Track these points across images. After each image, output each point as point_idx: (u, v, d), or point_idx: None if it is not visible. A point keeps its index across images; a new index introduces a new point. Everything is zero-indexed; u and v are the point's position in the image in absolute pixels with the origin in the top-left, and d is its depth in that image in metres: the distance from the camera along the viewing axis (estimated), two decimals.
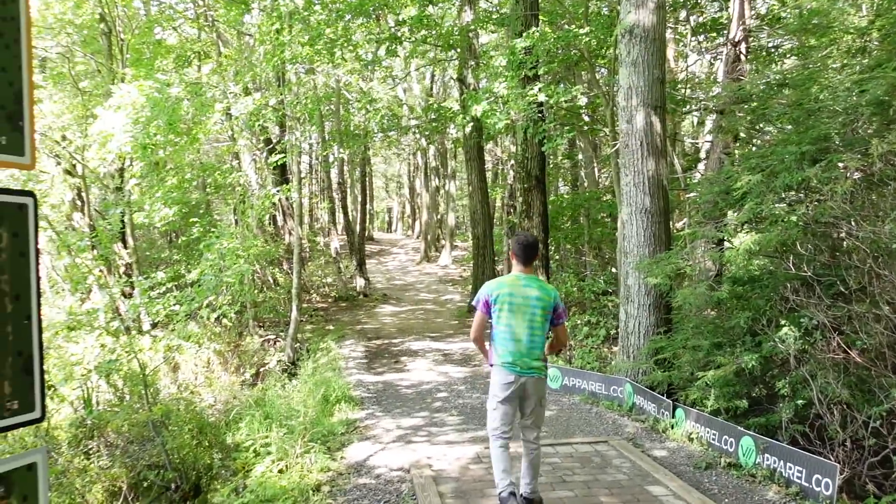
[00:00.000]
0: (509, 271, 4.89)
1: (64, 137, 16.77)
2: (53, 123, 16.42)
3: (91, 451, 8.46)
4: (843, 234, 6.05)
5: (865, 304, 5.54)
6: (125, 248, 16.64)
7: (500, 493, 4.56)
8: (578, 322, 11.53)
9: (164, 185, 15.19)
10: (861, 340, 5.54)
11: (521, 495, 4.72)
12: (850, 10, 8.49)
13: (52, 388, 8.52)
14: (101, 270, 12.05)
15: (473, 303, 4.81)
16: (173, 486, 7.62)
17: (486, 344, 4.87)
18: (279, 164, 15.18)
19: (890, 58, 6.43)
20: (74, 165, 16.96)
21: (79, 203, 17.76)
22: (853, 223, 5.65)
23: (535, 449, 4.73)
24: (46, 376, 9.25)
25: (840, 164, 5.87)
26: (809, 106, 6.86)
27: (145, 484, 7.71)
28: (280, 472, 6.19)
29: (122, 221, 14.95)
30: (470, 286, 19.85)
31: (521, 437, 4.80)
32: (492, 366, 4.72)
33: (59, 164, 17.23)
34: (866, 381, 5.66)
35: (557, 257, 18.73)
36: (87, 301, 11.08)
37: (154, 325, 13.79)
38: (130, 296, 13.12)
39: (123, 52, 16.87)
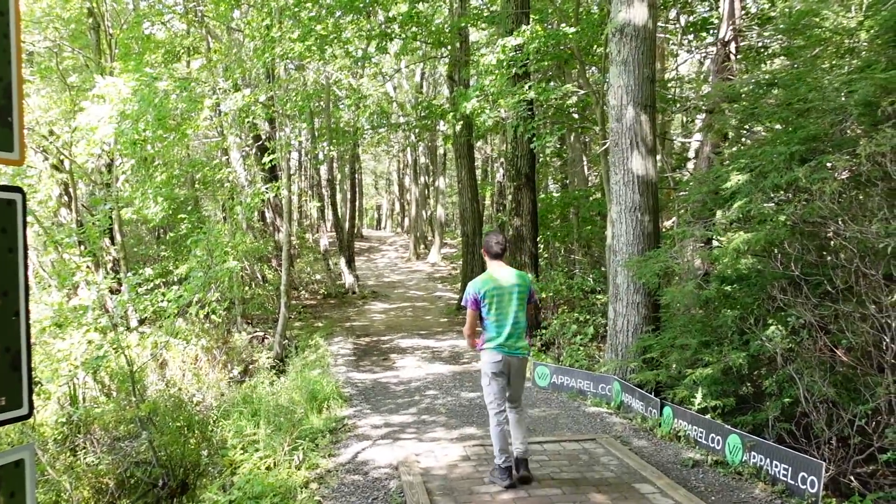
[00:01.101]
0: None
1: (51, 132, 16.64)
2: (41, 118, 16.29)
3: (78, 448, 8.42)
4: (830, 234, 6.08)
5: (852, 303, 5.58)
6: (113, 244, 16.54)
7: (499, 465, 5.36)
8: (567, 320, 11.54)
9: (153, 181, 15.10)
10: (847, 339, 5.59)
11: (515, 456, 5.37)
12: (839, 11, 8.53)
13: (39, 385, 8.46)
14: (88, 266, 11.96)
15: (463, 303, 5.42)
16: (160, 482, 7.59)
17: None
18: (268, 160, 15.11)
19: (878, 59, 6.48)
20: (62, 160, 16.84)
21: (66, 198, 17.63)
22: (840, 223, 5.69)
23: (519, 411, 5.46)
24: (33, 373, 9.18)
25: (828, 165, 5.91)
26: (798, 106, 6.90)
27: (132, 481, 7.68)
28: (268, 469, 6.18)
29: (110, 217, 14.87)
30: (459, 283, 19.87)
31: (507, 406, 5.44)
32: (482, 349, 5.35)
33: (46, 159, 17.10)
34: (852, 379, 5.71)
35: (547, 255, 18.75)
36: (75, 297, 11.00)
37: (142, 322, 13.72)
38: (118, 292, 13.04)
39: (112, 46, 16.75)
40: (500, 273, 5.33)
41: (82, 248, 13.32)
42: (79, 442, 8.54)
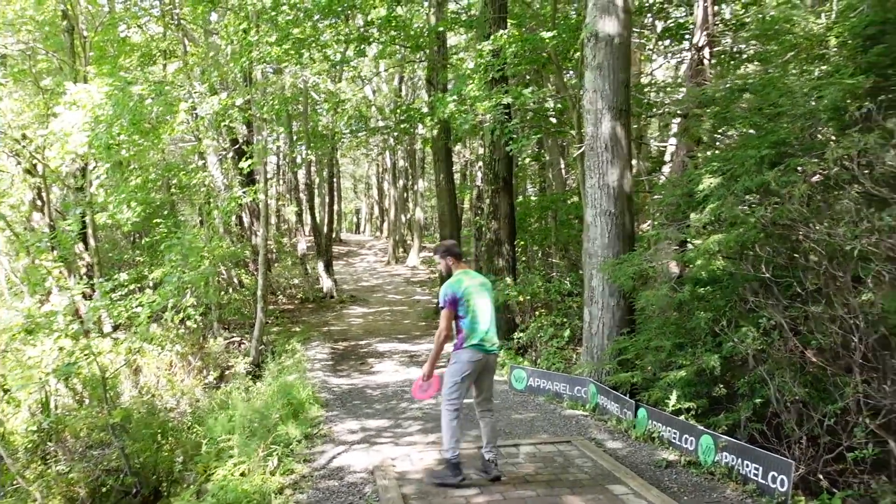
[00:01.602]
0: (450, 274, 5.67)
1: (24, 136, 16.42)
2: (13, 122, 16.07)
3: (49, 457, 8.30)
4: (800, 237, 6.16)
5: (821, 304, 5.65)
6: (86, 248, 16.34)
7: (451, 460, 5.40)
8: (544, 323, 11.58)
9: (127, 186, 14.93)
10: (817, 340, 5.65)
11: (488, 460, 5.52)
12: (809, 17, 8.65)
13: (9, 392, 8.34)
14: (60, 272, 11.82)
15: (441, 303, 5.50)
16: (133, 490, 7.51)
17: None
18: (246, 165, 15.01)
19: (846, 64, 6.58)
20: (35, 165, 16.61)
21: (39, 203, 17.40)
22: (810, 226, 5.76)
23: (492, 415, 5.63)
24: (2, 380, 9.05)
25: (798, 168, 5.98)
26: (769, 111, 6.98)
27: (104, 489, 7.58)
28: (242, 475, 6.12)
29: (84, 222, 14.69)
30: (437, 287, 19.86)
31: (479, 409, 5.62)
32: (456, 349, 5.45)
33: (19, 163, 16.86)
34: (822, 380, 5.78)
35: (524, 259, 18.81)
36: (47, 303, 10.85)
37: (115, 328, 13.56)
38: (91, 297, 12.89)
39: (86, 49, 16.55)
40: (469, 274, 5.57)
41: (55, 253, 13.14)
42: (50, 450, 8.42)
